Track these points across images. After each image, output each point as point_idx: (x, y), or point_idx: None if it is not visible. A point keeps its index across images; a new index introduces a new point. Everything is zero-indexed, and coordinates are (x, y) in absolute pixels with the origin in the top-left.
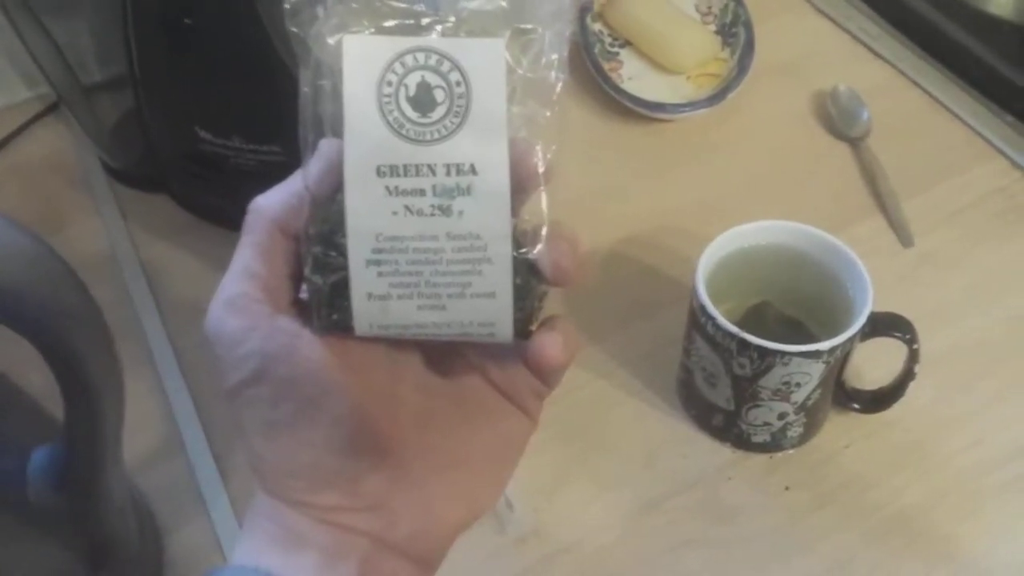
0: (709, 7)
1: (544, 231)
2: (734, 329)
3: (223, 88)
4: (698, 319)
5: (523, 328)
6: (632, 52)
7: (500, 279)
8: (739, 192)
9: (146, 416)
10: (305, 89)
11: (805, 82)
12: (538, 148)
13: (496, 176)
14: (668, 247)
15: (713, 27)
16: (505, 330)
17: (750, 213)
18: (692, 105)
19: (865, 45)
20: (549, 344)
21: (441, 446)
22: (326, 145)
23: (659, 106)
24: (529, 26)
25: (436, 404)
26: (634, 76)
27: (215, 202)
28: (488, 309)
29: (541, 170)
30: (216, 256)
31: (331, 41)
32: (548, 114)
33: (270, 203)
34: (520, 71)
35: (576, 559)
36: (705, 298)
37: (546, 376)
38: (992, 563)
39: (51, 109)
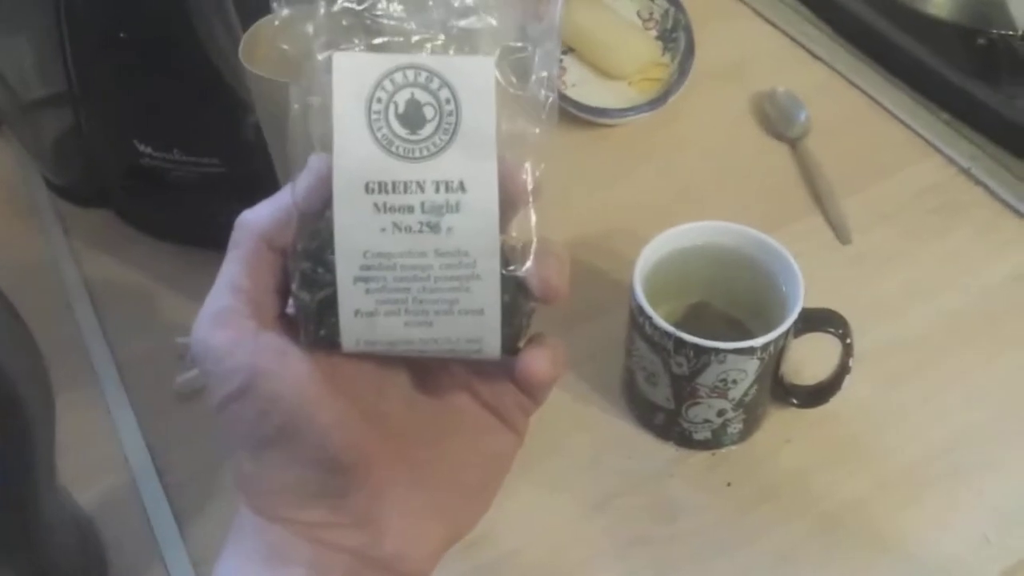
0: (650, 13)
1: (533, 248)
2: (670, 328)
3: (162, 101)
4: (636, 319)
5: (511, 345)
6: (575, 59)
7: (488, 296)
8: (681, 194)
9: (88, 432)
10: (295, 105)
11: (744, 84)
12: (527, 165)
13: (485, 193)
14: (612, 250)
15: (654, 32)
16: (493, 347)
17: (692, 214)
18: (634, 110)
19: (803, 47)
20: (537, 360)
21: (427, 462)
22: (315, 160)
23: (602, 111)
24: (518, 44)
25: (423, 420)
26: (577, 83)
27: (157, 216)
28: (476, 326)
29: (530, 187)
30: (159, 270)
31: (321, 58)
32: (537, 131)
33: (257, 217)
34: (510, 89)
35: (525, 562)
36: (642, 299)
37: (533, 392)
38: (930, 554)
39: None
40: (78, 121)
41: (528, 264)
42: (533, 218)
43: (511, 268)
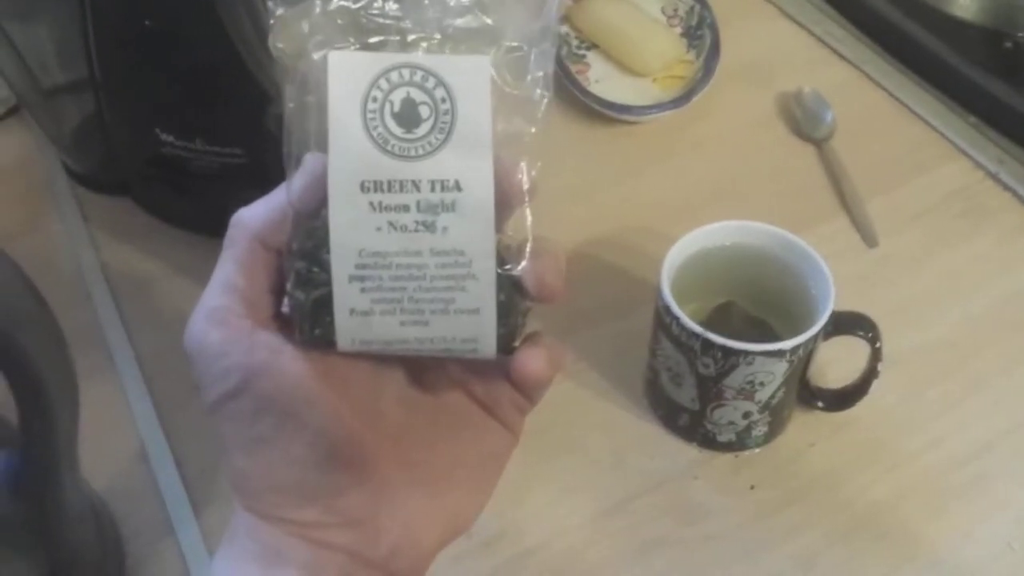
0: (675, 10)
1: (528, 247)
2: (698, 329)
3: (185, 90)
4: (663, 319)
5: (506, 344)
6: (599, 55)
7: (484, 295)
8: (705, 193)
9: (108, 423)
10: (290, 104)
11: (770, 84)
12: (522, 165)
13: (480, 192)
14: (636, 247)
15: (679, 29)
16: (488, 346)
17: (717, 214)
18: (658, 107)
19: (829, 47)
20: (533, 359)
21: (423, 461)
22: (311, 159)
23: (625, 108)
24: (515, 43)
25: (418, 419)
26: (601, 79)
27: (177, 205)
28: (471, 325)
29: (526, 187)
30: (179, 260)
31: (316, 57)
32: (533, 131)
33: (252, 216)
34: (506, 88)
35: (543, 560)
36: (669, 298)
37: (529, 391)
38: (953, 561)
39: (12, 113)
40: (99, 108)
41: (524, 263)
42: (529, 217)
43: (507, 267)
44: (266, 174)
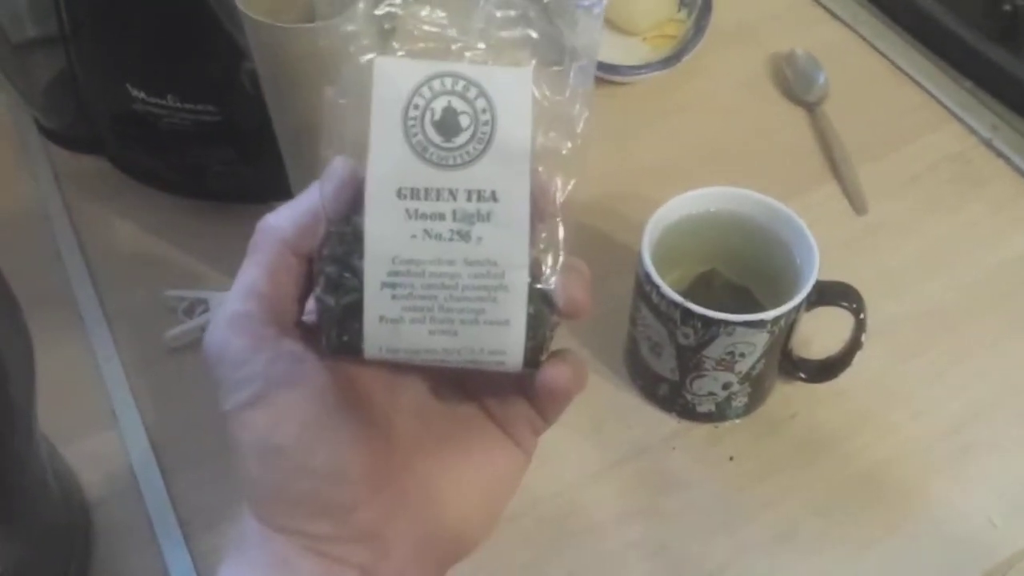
0: None
1: (560, 263)
2: (678, 298)
3: (155, 45)
4: (643, 288)
5: (533, 358)
6: None
7: (515, 307)
8: (694, 157)
9: (76, 383)
10: (329, 107)
11: (762, 45)
12: (558, 179)
13: (517, 204)
14: (620, 213)
15: None
16: (516, 359)
17: (704, 178)
18: (648, 67)
19: (823, 7)
20: (559, 376)
21: (436, 476)
22: (340, 165)
23: (614, 68)
24: (557, 58)
25: (433, 433)
26: None
27: (150, 163)
28: (500, 337)
29: (560, 201)
30: (151, 220)
31: (362, 60)
32: (570, 146)
33: (281, 222)
34: (545, 102)
35: (520, 528)
36: (650, 266)
37: (549, 408)
38: (934, 536)
39: None
40: (70, 64)
41: (555, 278)
42: (561, 232)
43: (538, 281)
44: (239, 132)
